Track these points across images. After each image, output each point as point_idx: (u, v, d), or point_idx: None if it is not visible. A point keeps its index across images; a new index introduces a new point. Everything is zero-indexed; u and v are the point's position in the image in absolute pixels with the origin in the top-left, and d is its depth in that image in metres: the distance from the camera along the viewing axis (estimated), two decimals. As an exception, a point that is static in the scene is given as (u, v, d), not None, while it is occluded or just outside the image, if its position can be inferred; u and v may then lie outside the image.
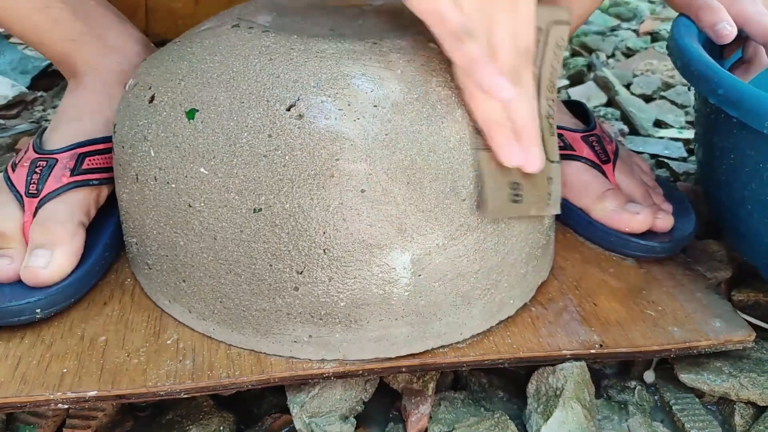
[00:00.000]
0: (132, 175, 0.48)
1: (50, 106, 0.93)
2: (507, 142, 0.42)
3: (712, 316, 0.51)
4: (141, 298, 0.51)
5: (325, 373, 0.45)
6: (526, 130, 0.43)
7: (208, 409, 0.48)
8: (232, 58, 0.45)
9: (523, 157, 0.43)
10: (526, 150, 0.43)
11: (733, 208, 0.54)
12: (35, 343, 0.46)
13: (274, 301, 0.44)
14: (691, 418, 0.49)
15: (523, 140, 0.43)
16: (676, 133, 0.89)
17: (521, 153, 0.43)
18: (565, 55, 1.16)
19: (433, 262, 0.44)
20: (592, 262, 0.57)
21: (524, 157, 0.43)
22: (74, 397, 0.42)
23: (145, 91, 0.48)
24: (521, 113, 0.42)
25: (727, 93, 0.48)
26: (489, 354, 0.47)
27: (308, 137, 0.42)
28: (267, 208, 0.42)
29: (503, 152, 0.43)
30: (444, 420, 0.48)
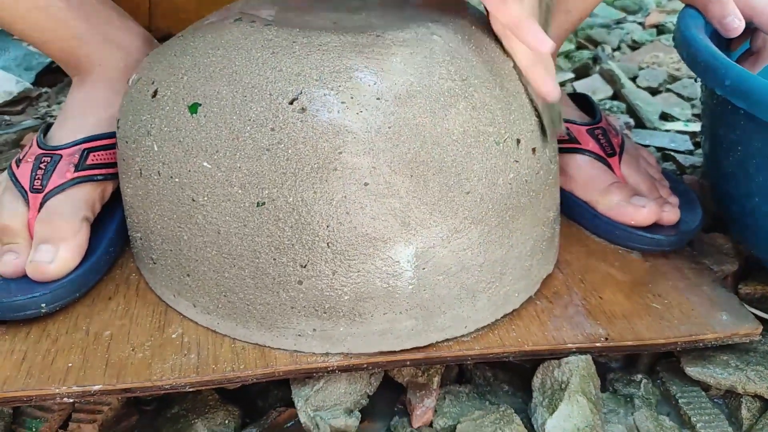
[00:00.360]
0: (136, 170, 0.48)
1: (55, 102, 0.93)
2: (547, 79, 0.48)
3: (719, 309, 0.51)
4: (146, 292, 0.51)
5: (330, 366, 0.45)
6: (550, 62, 0.48)
7: (213, 403, 0.48)
8: (234, 52, 0.45)
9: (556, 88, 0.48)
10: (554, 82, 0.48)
11: (739, 200, 0.53)
12: (41, 337, 0.46)
13: (279, 295, 0.44)
14: (697, 412, 0.49)
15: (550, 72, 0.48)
16: (682, 126, 0.89)
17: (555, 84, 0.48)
18: (570, 48, 1.15)
19: (437, 255, 0.44)
20: (597, 255, 0.57)
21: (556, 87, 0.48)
22: (80, 391, 0.43)
23: (148, 86, 0.48)
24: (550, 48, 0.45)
25: (735, 84, 0.47)
26: (494, 347, 0.47)
27: (311, 130, 0.42)
28: (270, 202, 0.42)
29: (547, 88, 0.48)
30: (449, 413, 0.48)
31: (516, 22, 0.45)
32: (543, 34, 0.44)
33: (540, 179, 0.49)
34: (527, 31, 0.45)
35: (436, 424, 0.47)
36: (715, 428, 0.47)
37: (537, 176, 0.48)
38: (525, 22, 0.45)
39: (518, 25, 0.45)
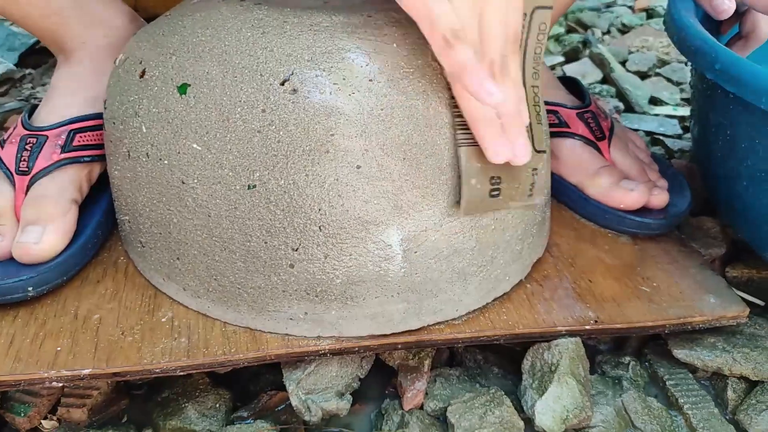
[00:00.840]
0: (123, 151, 0.47)
1: (39, 83, 0.91)
2: (496, 139, 0.41)
3: (707, 292, 0.51)
4: (134, 276, 0.50)
5: (321, 350, 0.45)
6: (514, 121, 0.41)
7: (204, 387, 0.48)
8: (224, 31, 0.44)
9: (511, 150, 0.41)
10: (513, 143, 0.41)
11: (728, 184, 0.54)
12: (28, 321, 0.46)
13: (270, 278, 0.44)
14: (684, 393, 0.49)
15: (510, 133, 0.41)
16: (671, 110, 0.89)
17: (509, 147, 0.41)
18: (560, 32, 1.15)
19: (429, 238, 0.44)
20: (587, 239, 0.57)
21: (511, 150, 0.41)
22: (69, 375, 0.42)
23: (136, 66, 0.47)
24: (508, 105, 0.40)
25: (725, 68, 0.47)
26: (485, 330, 0.47)
27: (302, 112, 0.41)
28: (261, 185, 0.42)
29: (492, 149, 0.41)
30: (440, 396, 0.48)
31: (460, 70, 0.38)
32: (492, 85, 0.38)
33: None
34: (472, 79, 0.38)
35: (426, 407, 0.47)
36: (702, 409, 0.48)
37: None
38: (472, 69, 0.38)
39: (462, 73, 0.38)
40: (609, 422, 0.47)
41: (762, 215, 0.50)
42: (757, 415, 0.47)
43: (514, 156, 0.41)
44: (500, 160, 0.41)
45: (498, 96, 0.38)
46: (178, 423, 0.46)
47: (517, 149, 0.41)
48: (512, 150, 0.41)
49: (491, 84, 0.38)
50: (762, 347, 0.50)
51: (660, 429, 0.47)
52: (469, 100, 0.40)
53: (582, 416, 0.45)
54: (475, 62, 0.38)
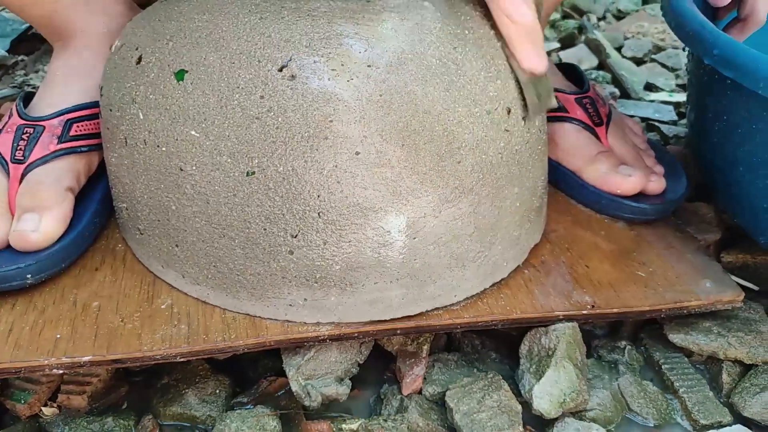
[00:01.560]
0: (121, 138, 0.47)
1: (32, 70, 0.91)
2: (534, 53, 0.45)
3: (702, 277, 0.52)
4: (133, 263, 0.50)
5: (321, 335, 0.45)
6: (537, 34, 0.45)
7: (204, 373, 0.48)
8: (221, 16, 0.44)
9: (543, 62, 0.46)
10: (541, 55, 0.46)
11: (724, 170, 0.54)
12: (27, 309, 0.46)
13: (269, 265, 0.44)
14: (679, 377, 0.50)
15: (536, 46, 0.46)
16: (666, 96, 0.89)
17: (543, 59, 0.46)
18: (556, 18, 1.14)
19: (428, 224, 0.44)
20: (583, 224, 0.57)
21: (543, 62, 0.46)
22: (69, 362, 0.42)
23: (132, 52, 0.47)
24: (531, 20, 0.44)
25: (723, 53, 0.47)
26: (483, 316, 0.47)
27: (301, 98, 0.41)
28: (260, 171, 0.42)
29: (533, 62, 0.45)
30: (438, 381, 0.48)
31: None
32: (523, 5, 0.43)
33: (530, 148, 0.49)
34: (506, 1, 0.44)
35: (425, 392, 0.48)
36: (697, 393, 0.49)
37: (527, 145, 0.48)
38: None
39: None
40: (605, 406, 0.47)
41: (757, 201, 0.51)
42: (751, 398, 0.48)
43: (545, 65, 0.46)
44: (541, 70, 0.46)
45: (530, 16, 0.43)
46: (179, 409, 0.46)
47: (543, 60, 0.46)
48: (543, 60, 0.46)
49: (523, 5, 0.43)
50: (756, 331, 0.51)
51: (656, 412, 0.48)
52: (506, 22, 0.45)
53: (579, 400, 0.45)
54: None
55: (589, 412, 0.47)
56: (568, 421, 0.45)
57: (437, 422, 0.46)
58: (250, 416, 0.44)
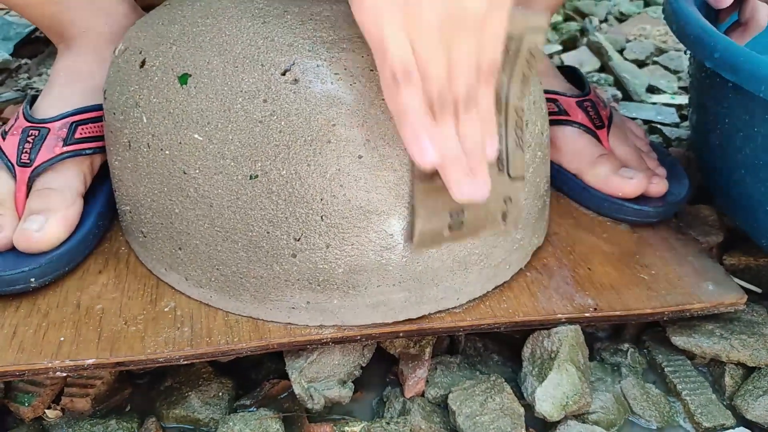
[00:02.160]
0: (124, 142, 0.47)
1: (36, 73, 0.91)
2: (460, 177, 0.38)
3: (705, 279, 0.52)
4: (136, 266, 0.50)
5: (323, 338, 0.45)
6: (473, 156, 0.38)
7: (207, 376, 0.48)
8: (224, 20, 0.44)
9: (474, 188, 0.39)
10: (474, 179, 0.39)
11: (725, 173, 0.54)
12: (31, 312, 0.46)
13: (272, 268, 0.44)
14: (682, 380, 0.50)
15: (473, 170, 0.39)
16: (668, 98, 0.89)
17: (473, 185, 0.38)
18: (558, 20, 1.15)
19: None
20: (585, 227, 0.57)
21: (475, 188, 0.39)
22: (73, 365, 0.42)
23: (136, 56, 0.47)
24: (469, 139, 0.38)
25: (724, 57, 0.48)
26: (485, 318, 0.47)
27: (304, 102, 0.41)
28: (263, 175, 0.42)
29: (455, 187, 0.38)
30: (440, 383, 0.48)
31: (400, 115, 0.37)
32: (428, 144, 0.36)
33: (532, 152, 0.49)
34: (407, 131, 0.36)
35: (427, 394, 0.48)
36: (700, 395, 0.49)
37: (529, 149, 0.48)
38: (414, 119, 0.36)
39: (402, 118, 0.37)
40: (608, 408, 0.47)
41: (759, 203, 0.51)
42: (754, 401, 0.48)
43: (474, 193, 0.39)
44: (465, 198, 0.39)
45: (431, 156, 0.36)
46: (182, 411, 0.46)
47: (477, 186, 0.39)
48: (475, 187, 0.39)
49: (430, 144, 0.36)
50: (759, 334, 0.51)
51: (658, 415, 0.48)
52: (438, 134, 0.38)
53: (581, 402, 0.45)
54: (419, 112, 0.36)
55: (592, 415, 0.47)
56: (571, 423, 0.45)
57: (440, 425, 0.46)
58: (252, 419, 0.44)
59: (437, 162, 0.37)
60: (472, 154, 0.38)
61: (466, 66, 0.36)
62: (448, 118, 0.37)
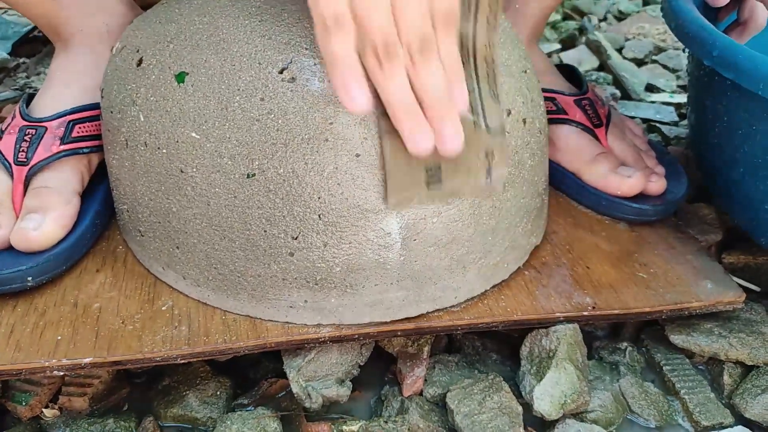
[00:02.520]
0: (121, 140, 0.47)
1: (34, 72, 0.91)
2: (413, 127, 0.37)
3: (703, 278, 0.52)
4: (134, 265, 0.50)
5: (321, 337, 0.45)
6: (437, 105, 0.37)
7: (205, 375, 0.48)
8: (221, 19, 0.44)
9: (433, 139, 0.37)
10: (438, 130, 0.37)
11: (724, 171, 0.54)
12: (28, 311, 0.46)
13: (270, 266, 0.44)
14: (681, 378, 0.50)
15: (434, 120, 0.37)
16: (667, 97, 0.89)
17: (429, 137, 0.37)
18: (556, 19, 1.14)
19: (428, 226, 0.44)
20: (584, 225, 0.57)
21: (436, 139, 0.37)
22: (70, 364, 0.42)
23: (133, 54, 0.47)
24: (429, 87, 0.36)
25: (722, 55, 0.47)
26: (483, 317, 0.47)
27: (301, 101, 0.41)
28: (261, 173, 0.42)
29: (410, 140, 0.37)
30: (439, 382, 0.48)
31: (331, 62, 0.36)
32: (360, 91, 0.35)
33: (530, 150, 0.49)
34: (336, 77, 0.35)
35: (426, 393, 0.48)
36: (698, 394, 0.49)
37: (527, 147, 0.48)
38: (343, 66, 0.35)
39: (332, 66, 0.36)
40: (606, 407, 0.47)
41: (758, 201, 0.51)
42: (752, 399, 0.48)
43: (441, 145, 0.38)
44: (420, 150, 0.37)
45: (362, 104, 0.35)
46: (179, 411, 0.46)
47: (444, 138, 0.37)
48: (439, 139, 0.37)
49: (358, 89, 0.35)
50: (758, 332, 0.51)
51: (657, 413, 0.48)
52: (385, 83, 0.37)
53: (580, 401, 0.45)
54: (349, 59, 0.35)
55: (590, 414, 0.46)
56: (569, 422, 0.45)
57: (438, 423, 0.46)
58: (250, 417, 0.44)
59: (368, 109, 0.36)
60: (438, 104, 0.37)
61: (415, 13, 0.35)
62: (396, 67, 0.36)
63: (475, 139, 0.41)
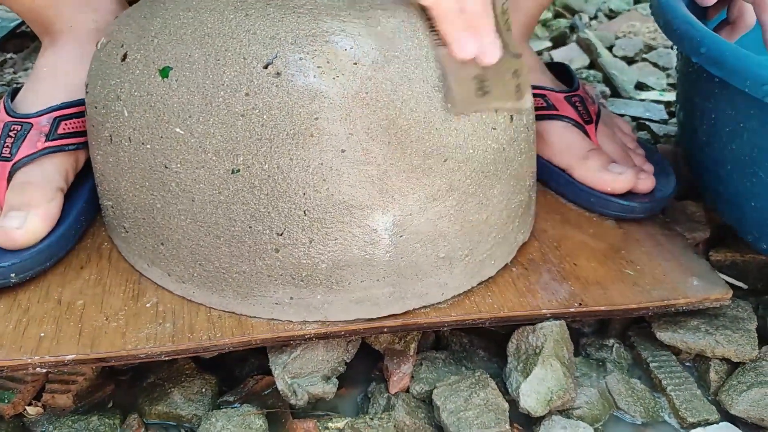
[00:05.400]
0: (106, 136, 0.47)
1: (21, 68, 0.90)
2: (460, 34, 0.41)
3: (690, 275, 0.52)
4: (119, 261, 0.50)
5: (307, 334, 0.45)
6: (479, 18, 0.41)
7: (190, 372, 0.48)
8: (206, 13, 0.43)
9: (478, 47, 0.41)
10: (480, 40, 0.41)
11: (712, 168, 0.54)
12: (11, 307, 0.46)
13: (255, 263, 0.44)
14: (667, 375, 0.50)
15: (477, 30, 0.41)
16: (657, 95, 0.89)
17: (475, 44, 0.41)
18: (547, 17, 1.14)
19: (415, 222, 0.44)
20: (572, 222, 0.57)
21: (479, 48, 0.41)
22: (53, 361, 0.42)
23: (117, 49, 0.46)
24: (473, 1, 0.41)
25: (710, 52, 0.47)
26: (470, 314, 0.47)
27: (286, 96, 0.41)
28: (245, 169, 0.42)
29: (456, 44, 0.41)
30: (425, 379, 0.48)
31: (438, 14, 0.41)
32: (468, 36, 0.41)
33: (517, 146, 0.49)
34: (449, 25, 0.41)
35: (412, 390, 0.48)
36: (685, 391, 0.49)
37: (514, 143, 0.48)
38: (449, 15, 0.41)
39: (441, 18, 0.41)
40: (593, 404, 0.47)
41: (745, 199, 0.51)
42: (738, 396, 0.48)
43: (482, 52, 0.42)
44: (466, 54, 0.41)
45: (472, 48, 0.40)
46: (164, 408, 0.46)
47: (486, 47, 0.41)
48: (480, 47, 0.41)
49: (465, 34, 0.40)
50: (744, 329, 0.51)
51: (643, 410, 0.48)
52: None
53: (566, 398, 0.45)
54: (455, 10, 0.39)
55: (577, 410, 0.46)
56: (556, 419, 0.45)
57: (424, 420, 0.46)
58: (236, 415, 0.44)
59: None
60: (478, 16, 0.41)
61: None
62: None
63: (504, 59, 0.44)
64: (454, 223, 0.45)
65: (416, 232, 0.44)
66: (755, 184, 0.49)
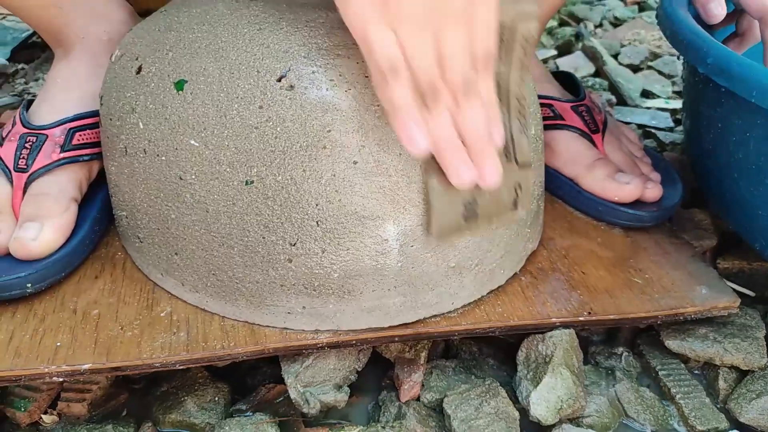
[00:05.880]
0: (120, 147, 0.47)
1: (32, 78, 0.91)
2: (457, 163, 0.39)
3: (698, 283, 0.52)
4: (132, 271, 0.51)
5: (319, 343, 0.45)
6: (479, 143, 0.39)
7: (203, 380, 0.48)
8: (220, 27, 0.44)
9: (475, 174, 0.40)
10: (480, 165, 0.39)
11: (719, 176, 0.54)
12: (27, 317, 0.46)
13: (268, 273, 0.44)
14: (676, 383, 0.50)
15: (477, 156, 0.39)
16: (663, 103, 0.90)
17: (472, 171, 0.39)
18: (552, 25, 1.15)
19: (425, 233, 0.44)
20: (580, 231, 0.58)
21: (477, 173, 0.40)
22: (69, 370, 0.43)
23: (132, 62, 0.47)
24: (472, 126, 0.38)
25: (716, 62, 0.48)
26: (480, 323, 0.48)
27: (299, 109, 0.41)
28: (259, 180, 0.42)
29: (454, 174, 0.40)
30: (436, 387, 0.48)
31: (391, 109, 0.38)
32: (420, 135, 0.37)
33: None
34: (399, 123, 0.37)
35: (423, 398, 0.48)
36: (694, 399, 0.49)
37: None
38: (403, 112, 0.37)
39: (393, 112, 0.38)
40: (602, 412, 0.47)
41: (753, 207, 0.51)
42: (747, 404, 0.48)
43: (481, 180, 0.40)
44: (465, 184, 0.40)
45: (420, 145, 0.38)
46: (178, 416, 0.46)
47: (485, 173, 0.40)
48: (480, 174, 0.40)
49: (419, 133, 0.37)
50: (753, 337, 0.51)
51: (652, 418, 0.48)
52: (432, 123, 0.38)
53: (576, 406, 0.46)
54: (407, 105, 0.37)
55: (587, 419, 0.47)
56: (566, 427, 0.46)
57: (435, 429, 0.46)
58: (248, 423, 0.45)
59: (428, 150, 0.38)
60: (479, 142, 0.39)
61: (458, 55, 0.37)
62: (441, 107, 0.38)
63: (507, 173, 0.43)
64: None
65: (426, 242, 0.45)
66: (762, 192, 0.49)
